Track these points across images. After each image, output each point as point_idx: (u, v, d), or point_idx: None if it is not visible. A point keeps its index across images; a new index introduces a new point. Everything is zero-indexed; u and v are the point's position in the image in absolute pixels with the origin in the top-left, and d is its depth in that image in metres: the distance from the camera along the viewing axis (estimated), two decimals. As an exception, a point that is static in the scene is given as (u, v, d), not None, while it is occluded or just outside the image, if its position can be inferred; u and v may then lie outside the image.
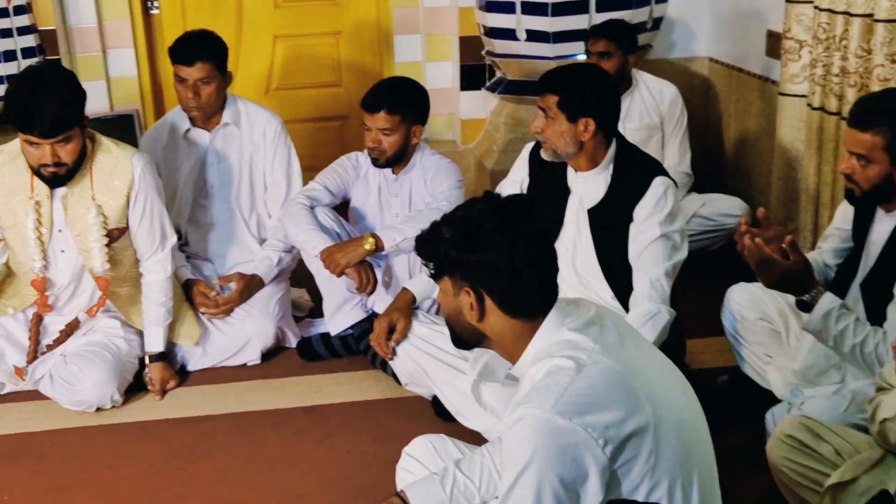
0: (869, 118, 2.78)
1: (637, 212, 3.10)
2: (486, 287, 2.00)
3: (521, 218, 2.01)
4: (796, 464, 2.61)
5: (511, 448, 1.90)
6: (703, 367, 3.62)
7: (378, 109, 3.63)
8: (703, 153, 5.26)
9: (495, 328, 2.04)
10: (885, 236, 2.87)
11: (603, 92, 3.12)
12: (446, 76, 5.49)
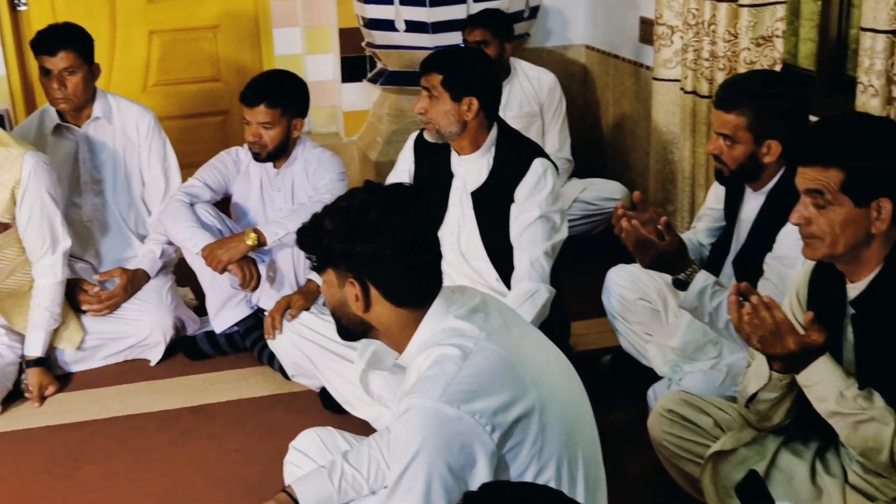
0: (732, 99, 2.86)
1: (517, 192, 3.15)
2: (371, 277, 1.98)
3: (404, 206, 2.00)
4: (677, 437, 2.68)
5: (399, 438, 1.89)
6: (586, 349, 3.68)
7: (257, 103, 3.59)
8: (583, 139, 5.36)
9: (381, 318, 2.03)
10: (754, 214, 2.96)
11: (486, 73, 3.16)
12: (327, 68, 5.46)
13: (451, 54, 3.22)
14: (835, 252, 2.22)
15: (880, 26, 2.99)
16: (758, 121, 2.83)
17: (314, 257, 2.05)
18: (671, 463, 2.73)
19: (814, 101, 3.40)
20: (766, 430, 2.53)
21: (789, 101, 2.87)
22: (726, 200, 3.13)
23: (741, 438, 2.54)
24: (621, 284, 3.38)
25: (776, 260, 2.78)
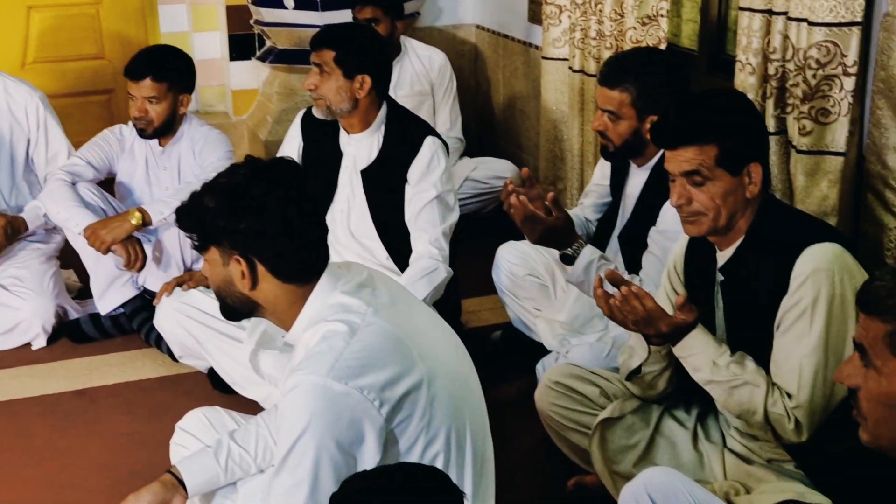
0: (616, 76, 2.91)
1: (411, 172, 3.14)
2: (257, 254, 1.95)
3: (287, 181, 1.98)
4: (564, 408, 2.73)
5: (287, 415, 1.88)
6: (477, 325, 3.71)
7: (143, 76, 3.51)
8: (474, 118, 5.38)
9: (268, 296, 2.00)
10: (639, 189, 3.02)
11: (379, 51, 3.16)
12: (215, 46, 5.37)
13: (343, 30, 3.19)
14: (718, 224, 2.29)
15: (756, 6, 3.06)
16: (641, 97, 2.89)
17: (195, 236, 2.01)
18: (559, 434, 2.77)
19: (695, 80, 3.49)
20: (650, 398, 2.60)
21: (671, 77, 2.94)
22: (612, 176, 3.19)
23: (627, 407, 2.60)
24: (511, 261, 3.41)
25: (659, 234, 2.85)
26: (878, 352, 1.47)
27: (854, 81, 2.89)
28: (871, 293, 1.48)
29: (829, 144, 2.96)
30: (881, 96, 2.88)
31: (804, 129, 2.97)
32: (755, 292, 2.29)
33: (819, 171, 2.98)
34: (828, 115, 2.94)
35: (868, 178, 2.96)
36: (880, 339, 1.46)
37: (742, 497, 2.34)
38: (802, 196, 3.00)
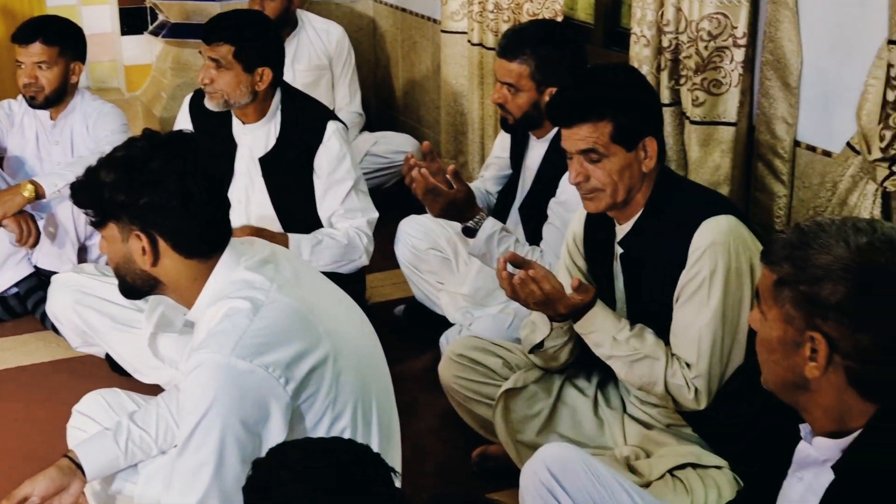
0: (515, 48, 2.93)
1: (319, 163, 3.10)
2: (158, 229, 1.91)
3: (187, 153, 1.94)
4: (467, 380, 2.75)
5: (190, 395, 1.85)
6: (381, 300, 3.71)
7: (33, 40, 3.43)
8: (374, 92, 5.36)
9: (170, 272, 1.96)
10: (539, 161, 3.05)
11: (276, 41, 3.10)
12: (105, 20, 5.24)
13: (239, 22, 3.08)
14: (617, 200, 2.33)
15: (651, -22, 3.12)
16: (539, 69, 2.91)
17: (92, 212, 1.95)
18: (462, 406, 2.80)
19: (591, 52, 3.52)
20: (552, 369, 2.63)
21: (569, 49, 2.96)
22: (512, 149, 3.21)
23: (529, 377, 2.63)
24: (413, 235, 3.42)
25: (559, 205, 2.89)
26: (766, 299, 1.54)
27: (744, 53, 2.96)
28: (771, 244, 1.55)
29: (720, 115, 3.03)
30: (770, 67, 2.96)
31: (697, 101, 3.03)
32: (654, 264, 2.34)
33: (712, 142, 3.05)
34: (719, 86, 3.01)
35: (758, 148, 3.05)
36: (769, 287, 1.52)
37: (642, 461, 2.40)
38: (696, 166, 3.07)
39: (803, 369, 1.50)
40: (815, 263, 1.46)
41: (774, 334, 1.53)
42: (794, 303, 1.49)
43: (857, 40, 2.71)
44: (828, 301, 1.45)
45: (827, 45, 2.84)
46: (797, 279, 1.48)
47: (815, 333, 1.47)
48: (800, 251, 1.49)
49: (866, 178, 2.62)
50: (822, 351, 1.47)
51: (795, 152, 2.97)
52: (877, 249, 1.45)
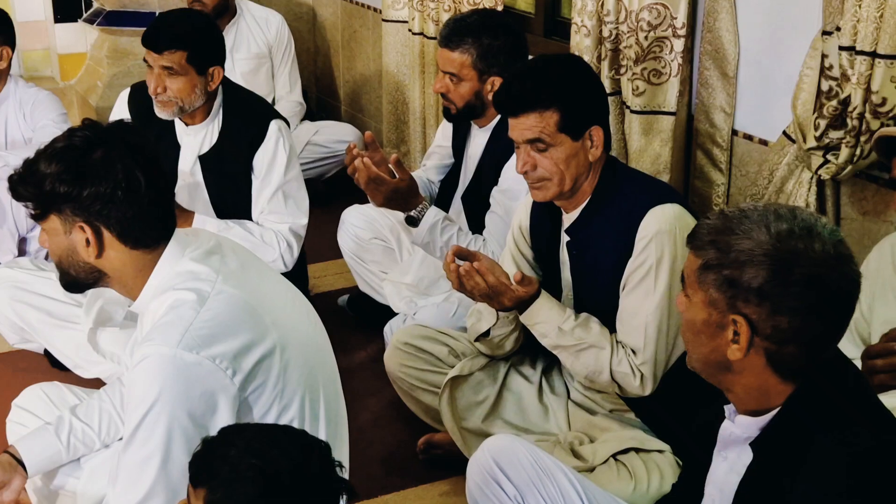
0: (456, 38, 2.94)
1: (257, 162, 3.05)
2: (102, 219, 1.88)
3: (130, 142, 1.91)
4: (413, 369, 2.76)
5: (136, 388, 1.83)
6: (325, 290, 3.70)
7: None
8: (314, 81, 5.34)
9: (115, 263, 1.93)
10: (481, 150, 3.06)
11: (221, 38, 3.06)
12: (37, 7, 5.14)
13: (185, 27, 2.98)
14: (564, 189, 2.35)
15: (591, -31, 3.14)
16: (481, 58, 2.92)
17: (32, 205, 1.91)
18: (408, 394, 2.81)
19: (532, 42, 3.54)
20: (497, 357, 2.65)
21: (510, 37, 2.97)
22: (454, 138, 3.22)
23: (474, 364, 2.65)
24: (356, 224, 3.41)
25: (501, 193, 2.90)
26: (691, 283, 1.57)
27: (683, 43, 2.99)
28: (696, 229, 1.58)
29: (660, 104, 3.07)
30: (708, 57, 3.01)
31: (637, 90, 3.07)
32: (600, 252, 2.36)
33: (652, 131, 3.09)
34: (659, 75, 3.05)
35: (697, 137, 3.09)
36: (694, 271, 1.56)
37: (586, 446, 2.43)
38: (637, 155, 3.11)
39: (726, 351, 1.54)
40: (738, 248, 1.50)
41: (699, 317, 1.56)
42: (718, 286, 1.52)
43: (793, 31, 2.76)
44: (749, 285, 1.49)
45: (763, 36, 2.89)
46: (721, 263, 1.52)
47: (738, 316, 1.51)
48: (724, 236, 1.53)
49: (802, 166, 2.68)
50: (743, 333, 1.51)
51: (733, 141, 3.02)
52: (796, 236, 1.49)
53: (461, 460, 2.61)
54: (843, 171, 2.56)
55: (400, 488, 2.72)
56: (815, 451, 1.49)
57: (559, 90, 2.31)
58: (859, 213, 2.70)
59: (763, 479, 1.57)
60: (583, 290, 2.44)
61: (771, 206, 1.57)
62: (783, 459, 1.54)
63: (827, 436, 1.50)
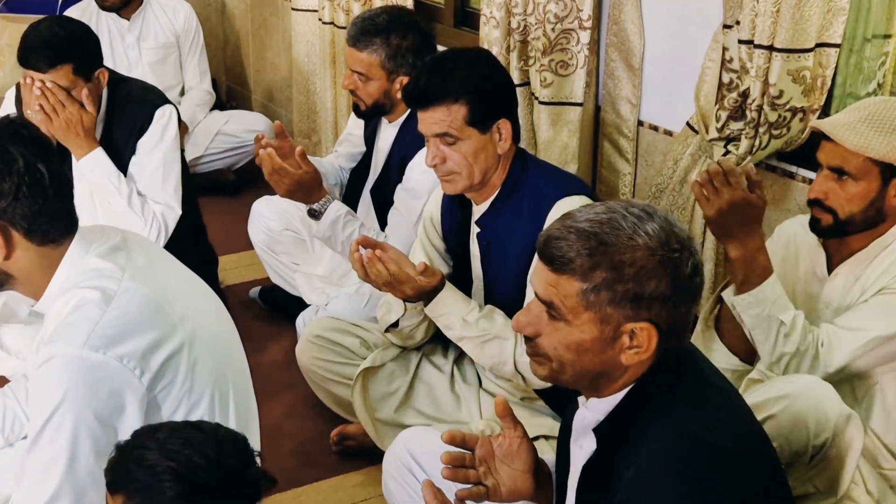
0: (364, 38, 2.92)
1: (141, 144, 2.98)
2: (9, 218, 1.81)
3: (27, 138, 1.84)
4: (325, 361, 2.76)
5: (40, 390, 1.79)
6: (236, 282, 3.67)
7: None
8: (224, 70, 5.28)
9: (22, 263, 1.86)
10: (389, 144, 3.05)
11: (96, 37, 2.94)
12: (-66, -6, 4.97)
13: (64, 37, 2.81)
14: (473, 182, 2.36)
15: (499, -39, 3.16)
16: (389, 58, 2.92)
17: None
18: (321, 387, 2.81)
19: (443, 33, 3.56)
20: (409, 347, 2.67)
21: (418, 36, 2.95)
22: (365, 128, 3.20)
23: (387, 355, 2.66)
24: (267, 216, 3.38)
25: (405, 191, 2.89)
26: (570, 307, 1.54)
27: (589, 35, 3.03)
28: (561, 254, 1.54)
29: (568, 96, 3.10)
30: (614, 49, 3.05)
31: (545, 81, 3.10)
32: (509, 243, 2.38)
33: (560, 121, 3.12)
34: (566, 67, 3.08)
35: (604, 128, 3.14)
36: (574, 295, 1.54)
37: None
38: (546, 145, 3.14)
39: (619, 359, 1.54)
40: (630, 263, 1.51)
41: (587, 336, 1.54)
42: (615, 303, 1.52)
43: (696, 24, 2.81)
44: (653, 294, 1.51)
45: (667, 28, 2.94)
46: (616, 281, 1.51)
47: (641, 324, 1.52)
48: (605, 255, 1.52)
49: (704, 156, 2.73)
50: (651, 337, 1.52)
51: (639, 132, 3.07)
52: (665, 231, 1.53)
53: (374, 451, 2.63)
54: (744, 161, 2.62)
55: (314, 480, 2.71)
56: (645, 441, 1.52)
57: (466, 84, 2.32)
58: (759, 201, 2.78)
59: (601, 466, 1.60)
60: (492, 281, 2.46)
61: (616, 206, 1.57)
62: (619, 448, 1.56)
63: (654, 428, 1.53)
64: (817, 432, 2.01)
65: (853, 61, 2.62)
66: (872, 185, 2.11)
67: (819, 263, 2.27)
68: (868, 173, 2.11)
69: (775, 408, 2.01)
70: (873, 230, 2.18)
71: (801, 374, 2.10)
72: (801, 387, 2.03)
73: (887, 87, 2.66)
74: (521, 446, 1.78)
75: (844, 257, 2.22)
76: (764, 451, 1.63)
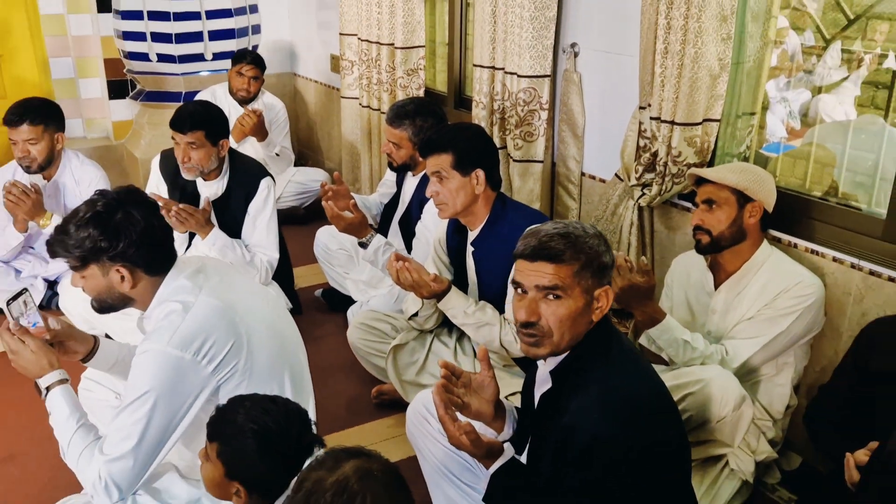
0: (398, 119, 2.92)
1: (251, 208, 2.96)
2: (133, 260, 1.79)
3: (136, 202, 1.81)
4: (367, 340, 2.74)
5: (136, 371, 1.76)
6: (306, 286, 3.64)
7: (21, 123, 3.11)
8: (297, 140, 5.26)
9: (140, 290, 1.83)
10: (412, 191, 3.04)
11: (226, 117, 2.93)
12: (97, 88, 4.96)
13: (203, 113, 2.84)
14: (457, 210, 2.35)
15: (484, 63, 3.15)
16: (415, 134, 2.91)
17: (72, 260, 1.78)
18: (364, 358, 2.78)
19: (447, 113, 3.54)
20: (425, 330, 2.64)
21: (435, 119, 2.94)
22: (397, 177, 3.19)
23: (409, 336, 2.64)
24: (326, 240, 3.37)
25: (423, 226, 2.87)
26: (567, 286, 1.53)
27: (547, 113, 3.03)
28: (549, 248, 1.54)
29: (533, 155, 3.10)
30: (564, 123, 3.04)
31: (517, 146, 3.09)
32: (494, 259, 2.36)
33: (527, 173, 3.12)
34: (532, 136, 3.07)
35: (558, 178, 3.13)
36: (570, 276, 1.53)
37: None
38: (517, 190, 3.13)
39: (592, 317, 1.55)
40: (591, 247, 1.55)
41: (580, 304, 1.54)
42: (593, 275, 1.54)
43: (620, 105, 2.81)
44: (607, 263, 1.56)
45: (601, 108, 2.94)
46: (591, 260, 1.54)
47: (602, 289, 1.54)
48: (579, 246, 1.54)
49: (627, 196, 2.72)
50: (606, 297, 1.55)
51: (582, 180, 3.06)
52: (594, 227, 1.60)
53: (402, 403, 2.62)
54: (655, 200, 2.61)
55: (359, 423, 2.70)
56: (588, 382, 1.52)
57: (453, 140, 2.32)
58: (666, 227, 2.76)
59: (553, 398, 1.59)
60: (483, 284, 2.44)
61: (556, 223, 1.60)
62: (566, 385, 1.56)
63: (596, 371, 1.53)
64: (722, 406, 2.03)
65: (729, 131, 2.61)
66: (733, 209, 2.14)
67: (707, 282, 2.27)
68: (727, 201, 2.13)
69: (694, 388, 2.03)
70: (740, 253, 2.19)
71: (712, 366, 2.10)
72: (713, 374, 2.05)
73: (753, 148, 2.65)
74: (489, 383, 1.76)
75: (725, 277, 2.22)
76: (666, 400, 1.62)
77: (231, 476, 1.55)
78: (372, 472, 1.14)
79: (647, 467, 1.47)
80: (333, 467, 1.14)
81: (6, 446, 2.56)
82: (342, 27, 4.12)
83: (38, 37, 4.79)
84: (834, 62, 3.28)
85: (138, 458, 1.75)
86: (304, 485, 1.14)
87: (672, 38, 2.37)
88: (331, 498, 1.09)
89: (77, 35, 4.81)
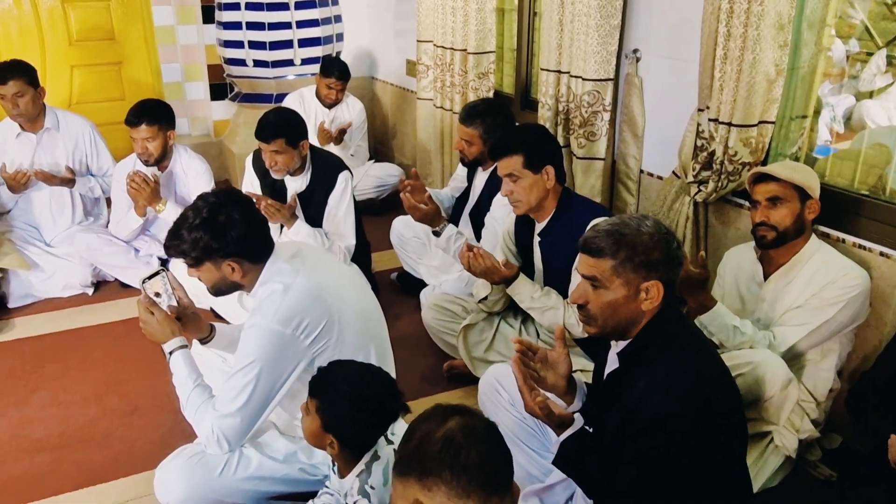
0: (470, 118, 2.94)
1: (331, 198, 3.01)
2: (241, 254, 1.87)
3: (236, 201, 1.88)
4: (440, 320, 2.78)
5: (244, 343, 1.84)
6: (382, 269, 3.70)
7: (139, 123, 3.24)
8: (374, 137, 5.34)
9: (247, 277, 1.91)
10: (482, 185, 3.06)
11: (303, 121, 2.96)
12: (200, 91, 5.14)
13: (284, 121, 2.86)
14: (531, 206, 2.37)
15: (550, 67, 3.14)
16: (486, 132, 2.93)
17: (189, 259, 1.86)
18: (437, 336, 2.83)
19: (514, 114, 3.55)
20: (493, 313, 2.68)
21: (504, 118, 2.96)
22: (468, 172, 3.22)
23: (479, 317, 2.67)
24: (401, 228, 3.41)
25: (492, 217, 2.89)
26: (606, 278, 1.55)
27: (609, 115, 3.01)
28: (593, 243, 1.56)
29: (595, 154, 3.08)
30: (625, 124, 3.02)
31: (581, 145, 3.08)
32: (560, 248, 2.38)
33: (589, 170, 3.11)
34: (594, 136, 3.06)
35: (618, 175, 3.11)
36: (608, 269, 1.54)
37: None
38: (580, 187, 3.12)
39: (641, 307, 1.54)
40: (639, 244, 1.53)
41: (619, 295, 1.54)
42: (635, 269, 1.53)
43: (679, 108, 2.77)
44: (657, 260, 1.52)
45: (660, 110, 2.91)
46: (633, 255, 1.53)
47: (652, 282, 1.52)
48: (623, 240, 1.53)
49: (684, 193, 2.70)
50: (659, 290, 1.53)
51: (641, 177, 3.04)
52: (658, 225, 1.56)
53: (470, 377, 2.66)
54: (710, 196, 2.59)
55: (433, 394, 2.74)
56: (653, 363, 1.52)
57: (522, 141, 2.33)
58: (720, 222, 2.73)
59: (620, 377, 1.59)
60: (548, 272, 2.45)
61: (623, 216, 1.59)
62: (634, 366, 1.56)
63: (661, 354, 1.52)
64: (770, 387, 2.01)
65: (782, 133, 2.56)
66: (796, 205, 2.09)
67: (757, 273, 2.24)
68: (792, 197, 2.09)
69: (745, 369, 2.01)
70: (791, 247, 2.15)
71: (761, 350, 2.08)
72: (763, 357, 2.03)
73: (804, 149, 2.59)
74: (564, 359, 1.77)
75: (774, 268, 2.19)
76: (726, 376, 1.61)
77: (327, 429, 1.62)
78: (476, 428, 1.18)
79: (709, 438, 1.48)
80: (441, 422, 1.18)
81: (131, 401, 2.71)
82: (419, 34, 4.15)
83: (152, 46, 4.99)
84: (880, 69, 3.18)
85: (245, 417, 1.85)
86: (413, 435, 1.19)
87: (731, 45, 2.34)
88: (440, 449, 1.13)
89: (185, 44, 4.99)
